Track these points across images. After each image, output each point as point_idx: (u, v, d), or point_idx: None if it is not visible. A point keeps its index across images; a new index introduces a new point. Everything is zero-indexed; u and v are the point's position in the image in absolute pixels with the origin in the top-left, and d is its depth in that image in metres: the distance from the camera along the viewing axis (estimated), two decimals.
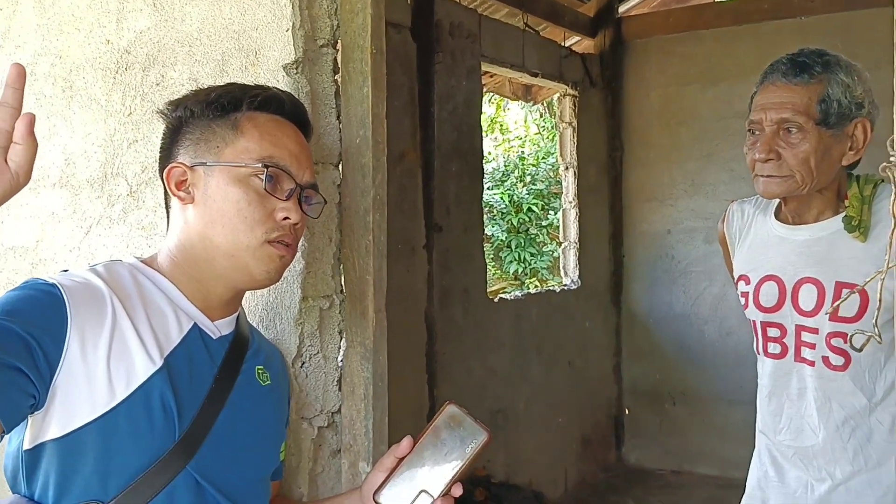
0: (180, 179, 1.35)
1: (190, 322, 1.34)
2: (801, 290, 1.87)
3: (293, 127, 1.41)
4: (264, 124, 1.36)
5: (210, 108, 1.35)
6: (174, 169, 1.36)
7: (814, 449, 1.90)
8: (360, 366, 1.72)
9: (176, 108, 1.39)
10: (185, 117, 1.37)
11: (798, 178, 1.80)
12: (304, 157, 1.40)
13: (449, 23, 4.65)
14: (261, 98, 1.37)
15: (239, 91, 1.38)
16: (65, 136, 1.92)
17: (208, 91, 1.39)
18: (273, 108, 1.39)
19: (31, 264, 1.97)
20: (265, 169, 1.32)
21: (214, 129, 1.35)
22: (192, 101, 1.37)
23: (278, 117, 1.39)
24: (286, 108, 1.41)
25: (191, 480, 1.26)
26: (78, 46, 1.90)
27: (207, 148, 1.34)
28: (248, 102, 1.36)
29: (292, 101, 1.44)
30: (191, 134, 1.36)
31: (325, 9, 1.73)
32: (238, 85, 1.42)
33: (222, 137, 1.34)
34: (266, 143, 1.34)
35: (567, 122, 6.08)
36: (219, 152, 1.34)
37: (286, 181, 1.35)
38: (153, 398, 1.24)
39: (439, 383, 4.50)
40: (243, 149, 1.33)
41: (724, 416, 5.89)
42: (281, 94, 1.42)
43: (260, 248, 1.32)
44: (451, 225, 4.69)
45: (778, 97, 1.80)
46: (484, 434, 1.25)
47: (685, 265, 6.13)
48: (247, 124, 1.35)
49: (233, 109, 1.36)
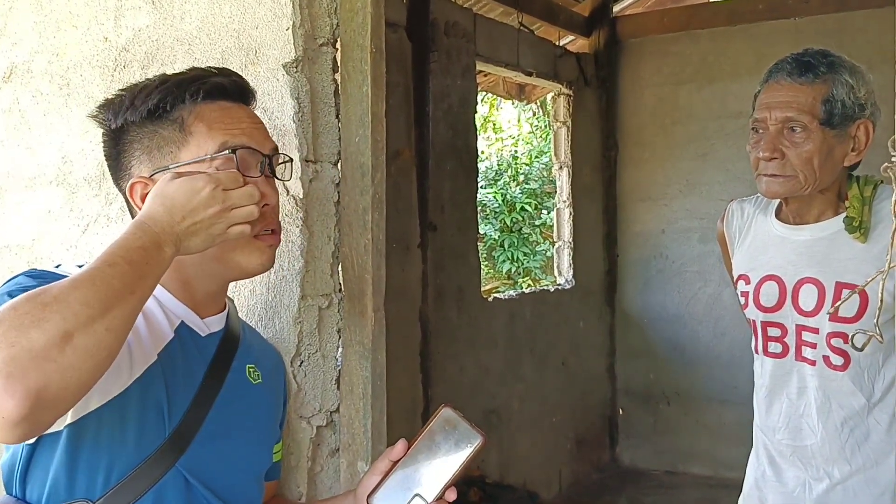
0: (144, 193, 1.29)
1: (178, 320, 1.32)
2: (802, 290, 1.87)
3: (241, 107, 1.36)
4: (210, 115, 1.30)
5: (152, 115, 1.29)
6: (136, 185, 1.30)
7: (812, 448, 1.90)
8: (359, 365, 1.72)
9: (115, 117, 1.31)
10: (125, 126, 1.31)
11: (801, 178, 1.80)
12: (260, 128, 1.35)
13: (444, 22, 4.65)
14: (202, 91, 1.30)
15: (176, 87, 1.30)
16: (62, 133, 1.91)
17: (144, 94, 1.31)
18: (216, 97, 1.32)
19: (28, 262, 1.96)
20: (233, 153, 1.27)
21: (162, 134, 1.29)
22: (130, 111, 1.30)
23: (223, 103, 1.33)
24: (228, 91, 1.34)
25: (180, 478, 1.25)
26: (75, 44, 1.90)
27: (161, 155, 1.29)
28: (189, 99, 1.30)
29: (232, 82, 1.36)
30: (138, 142, 1.31)
31: (324, 8, 1.72)
32: (173, 80, 1.32)
33: (173, 141, 1.29)
34: (216, 132, 1.29)
35: (561, 121, 6.09)
36: (174, 156, 1.29)
37: (252, 157, 1.30)
38: (148, 393, 1.23)
39: (433, 382, 4.50)
40: (196, 147, 1.28)
41: (717, 417, 5.90)
42: (221, 80, 1.34)
43: (247, 244, 1.30)
44: (446, 224, 4.69)
45: (783, 96, 1.81)
46: (479, 438, 1.24)
47: (679, 265, 6.14)
48: (193, 122, 1.29)
49: (175, 108, 1.30)
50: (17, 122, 1.99)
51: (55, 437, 1.18)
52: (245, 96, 1.38)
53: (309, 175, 1.69)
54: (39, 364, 0.96)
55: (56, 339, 0.98)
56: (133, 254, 1.10)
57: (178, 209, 1.18)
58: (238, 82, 1.38)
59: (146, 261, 1.11)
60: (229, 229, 1.23)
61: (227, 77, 1.36)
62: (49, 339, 0.97)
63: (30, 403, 0.95)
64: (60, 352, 0.98)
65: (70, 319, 0.99)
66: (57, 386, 0.97)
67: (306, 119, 1.68)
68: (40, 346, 0.96)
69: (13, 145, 1.99)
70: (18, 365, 0.95)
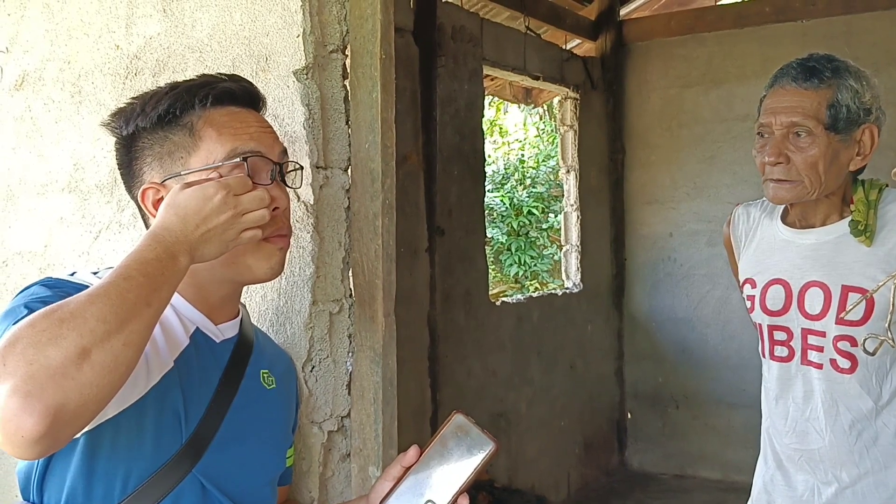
0: (156, 199, 1.31)
1: (193, 326, 1.33)
2: (808, 294, 1.88)
3: (250, 112, 1.36)
4: (220, 120, 1.31)
5: (162, 121, 1.30)
6: (147, 191, 1.32)
7: (820, 452, 1.90)
8: (370, 370, 1.72)
9: (126, 125, 1.33)
10: (137, 133, 1.32)
11: (806, 183, 1.81)
12: (270, 133, 1.36)
13: (451, 26, 4.67)
14: (211, 97, 1.31)
15: (185, 93, 1.32)
16: (74, 140, 1.93)
17: (154, 100, 1.32)
18: (225, 101, 1.33)
19: (40, 269, 1.97)
20: (244, 161, 1.28)
21: (173, 140, 1.30)
22: (141, 117, 1.31)
23: (232, 108, 1.34)
24: (238, 96, 1.35)
25: (196, 484, 1.26)
26: (87, 52, 1.91)
27: (172, 161, 1.30)
28: (199, 104, 1.31)
29: (241, 87, 1.37)
30: (149, 149, 1.32)
31: (334, 15, 1.73)
32: (183, 86, 1.34)
33: (183, 147, 1.30)
34: (226, 137, 1.30)
35: (568, 124, 6.10)
36: (185, 162, 1.29)
37: (262, 164, 1.31)
38: (165, 400, 1.24)
39: (441, 386, 4.50)
40: (207, 153, 1.29)
41: (726, 420, 5.90)
42: (230, 85, 1.35)
43: (258, 248, 1.31)
44: (453, 228, 4.70)
45: (788, 101, 1.81)
46: (491, 444, 1.24)
47: (687, 268, 6.14)
48: (203, 127, 1.30)
49: (185, 114, 1.31)
50: (29, 130, 2.00)
51: (72, 445, 1.19)
52: (254, 102, 1.39)
53: (319, 181, 1.70)
54: (58, 382, 0.96)
55: (73, 357, 0.98)
56: (148, 266, 1.10)
57: (191, 217, 1.19)
58: (247, 87, 1.38)
59: (161, 272, 1.12)
60: (242, 234, 1.24)
61: (236, 82, 1.37)
62: (67, 357, 0.97)
63: (49, 421, 0.95)
64: (78, 369, 0.98)
65: (87, 336, 1.00)
66: (76, 403, 0.98)
67: (317, 125, 1.69)
68: (58, 363, 0.97)
69: (25, 152, 2.01)
70: (37, 383, 0.95)
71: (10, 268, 2.03)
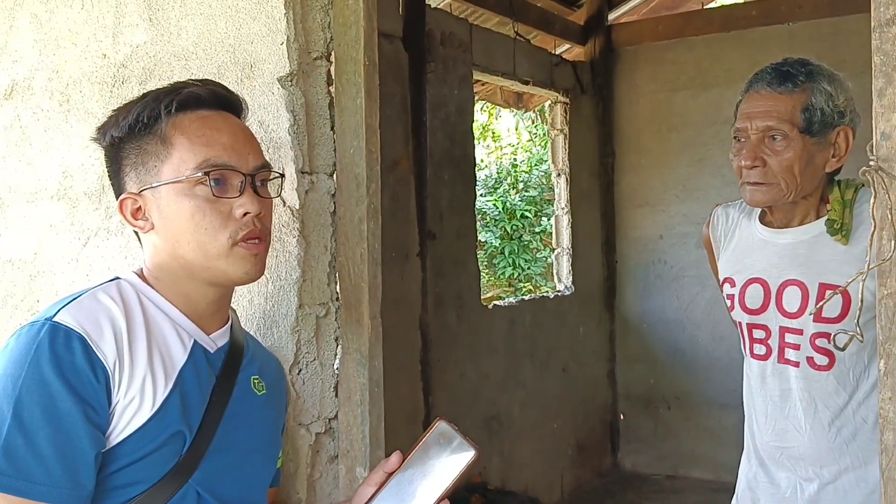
0: (134, 209, 1.34)
1: (191, 339, 1.35)
2: (786, 292, 1.90)
3: (222, 115, 1.36)
4: (190, 127, 1.32)
5: (133, 130, 1.32)
6: (125, 201, 1.34)
7: (800, 449, 1.92)
8: (356, 372, 1.74)
9: (104, 136, 1.36)
10: (114, 144, 1.35)
11: (783, 186, 1.84)
12: (243, 142, 1.35)
13: (440, 32, 4.69)
14: (176, 102, 1.32)
15: (152, 101, 1.33)
16: (62, 149, 1.95)
17: (125, 110, 1.34)
18: (193, 106, 1.34)
19: (30, 276, 1.99)
20: (206, 176, 1.29)
21: (146, 149, 1.32)
22: (114, 128, 1.34)
23: (203, 112, 1.34)
24: (205, 100, 1.35)
25: (192, 493, 1.28)
26: (75, 61, 1.93)
27: (146, 170, 1.32)
28: (164, 111, 1.31)
29: (209, 91, 1.37)
30: (127, 159, 1.34)
31: (318, 22, 1.76)
32: (152, 94, 1.35)
33: (156, 156, 1.31)
34: (198, 146, 1.31)
35: (559, 129, 6.12)
36: (158, 172, 1.31)
37: (232, 177, 1.32)
38: (167, 419, 1.26)
39: (434, 389, 4.52)
40: (179, 161, 1.30)
41: (717, 420, 5.91)
42: (196, 90, 1.35)
43: (230, 253, 1.32)
44: (445, 232, 4.72)
45: (763, 105, 1.84)
46: (472, 452, 1.25)
47: (678, 270, 6.16)
48: (173, 134, 1.31)
49: (155, 122, 1.32)
50: (18, 139, 2.02)
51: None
52: (227, 104, 1.39)
53: (305, 186, 1.72)
54: None
55: None
56: None
57: None
58: (215, 90, 1.38)
59: None
60: None
61: (204, 86, 1.37)
62: None
63: None
64: None
65: None
66: None
67: (301, 131, 1.71)
68: None
69: (15, 161, 2.02)
70: None
71: (0, 275, 2.05)
